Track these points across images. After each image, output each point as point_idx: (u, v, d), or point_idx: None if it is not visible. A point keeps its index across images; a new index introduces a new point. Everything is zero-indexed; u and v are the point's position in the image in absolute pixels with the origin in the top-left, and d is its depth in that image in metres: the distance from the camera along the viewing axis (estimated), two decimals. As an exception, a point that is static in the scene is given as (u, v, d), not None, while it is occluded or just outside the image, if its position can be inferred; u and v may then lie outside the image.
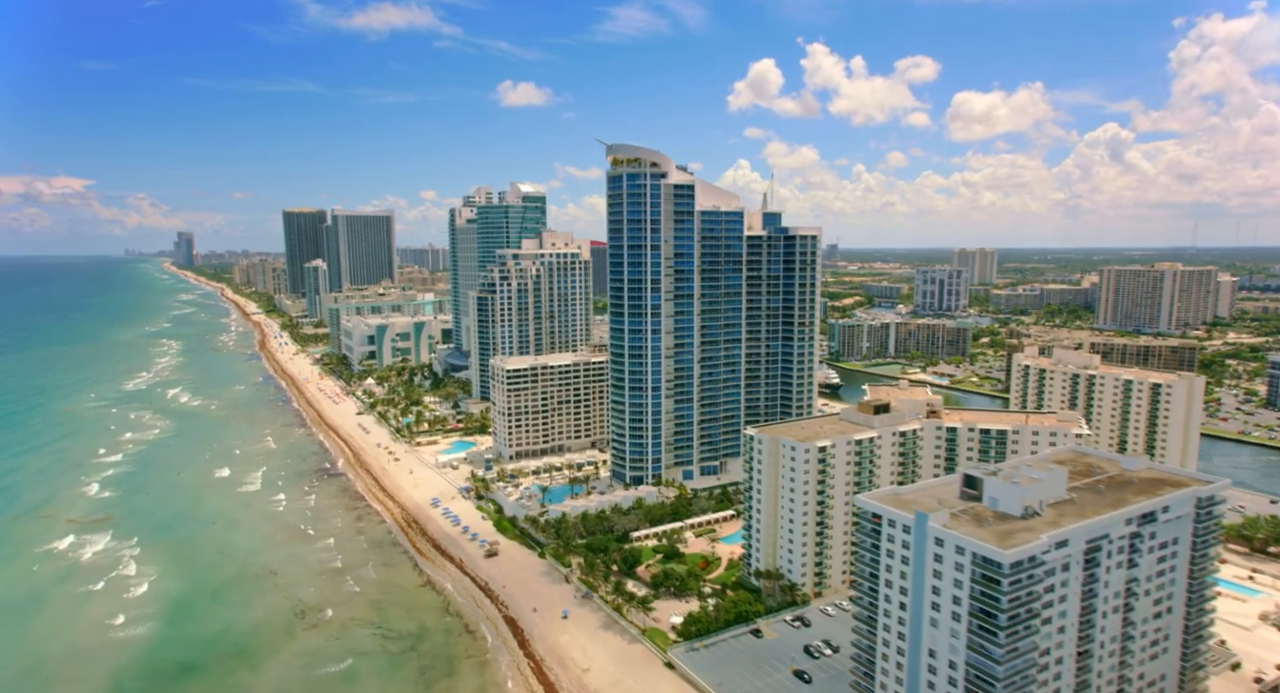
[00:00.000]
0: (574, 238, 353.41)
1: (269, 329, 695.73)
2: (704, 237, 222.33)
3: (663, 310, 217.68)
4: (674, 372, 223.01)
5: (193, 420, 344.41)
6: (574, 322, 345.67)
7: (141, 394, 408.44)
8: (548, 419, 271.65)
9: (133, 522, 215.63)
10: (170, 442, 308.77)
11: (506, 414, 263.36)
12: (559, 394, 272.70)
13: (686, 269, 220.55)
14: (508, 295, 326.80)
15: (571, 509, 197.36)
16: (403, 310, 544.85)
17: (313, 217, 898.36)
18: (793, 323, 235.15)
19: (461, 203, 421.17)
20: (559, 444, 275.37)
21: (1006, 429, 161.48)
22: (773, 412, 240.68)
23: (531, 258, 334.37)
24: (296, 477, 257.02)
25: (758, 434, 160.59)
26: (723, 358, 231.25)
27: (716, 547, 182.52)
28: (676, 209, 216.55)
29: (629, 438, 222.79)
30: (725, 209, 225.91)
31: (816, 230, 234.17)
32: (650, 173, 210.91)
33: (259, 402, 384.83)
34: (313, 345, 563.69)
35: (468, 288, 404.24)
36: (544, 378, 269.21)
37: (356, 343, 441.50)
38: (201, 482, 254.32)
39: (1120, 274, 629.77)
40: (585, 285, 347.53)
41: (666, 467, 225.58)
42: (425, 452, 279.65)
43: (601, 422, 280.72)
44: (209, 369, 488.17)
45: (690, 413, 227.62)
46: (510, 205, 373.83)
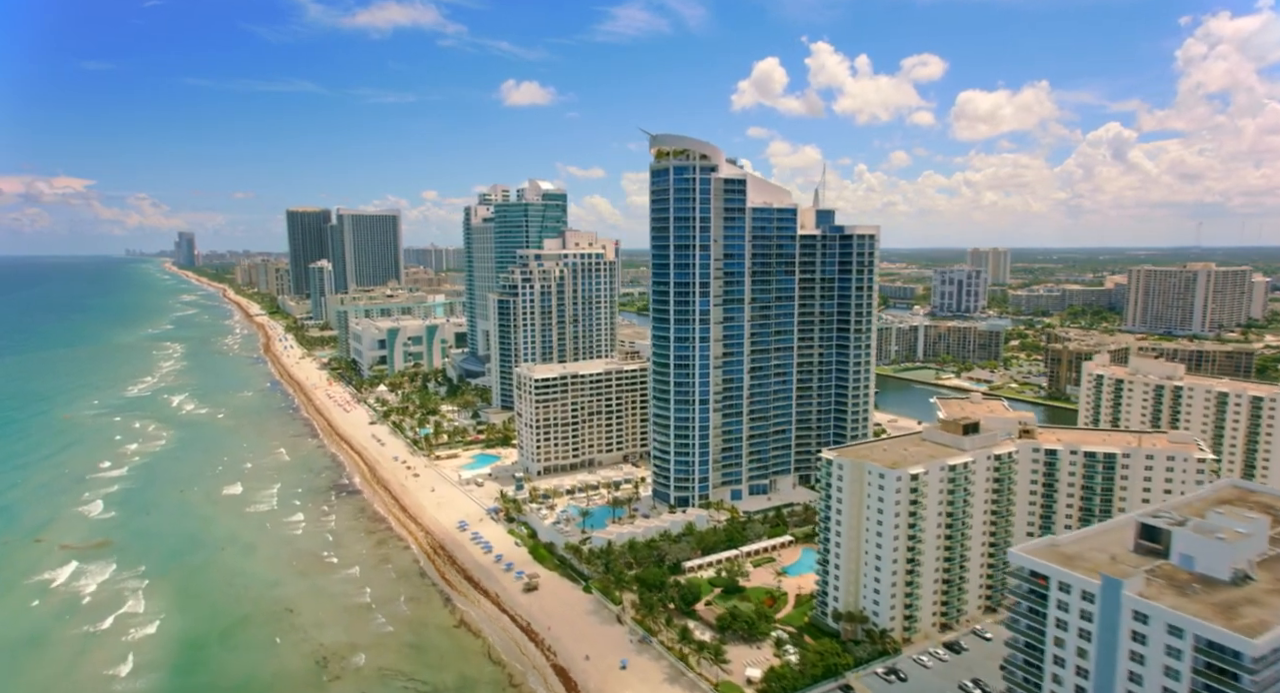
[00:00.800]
0: (598, 237, 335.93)
1: (273, 332, 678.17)
2: (755, 236, 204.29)
3: (711, 317, 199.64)
4: (722, 383, 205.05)
5: (198, 430, 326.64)
6: (599, 326, 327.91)
7: (144, 401, 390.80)
8: (578, 432, 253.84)
9: (137, 547, 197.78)
10: (175, 454, 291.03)
11: (534, 427, 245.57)
12: (590, 405, 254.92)
13: (737, 271, 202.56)
14: (530, 298, 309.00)
15: (617, 536, 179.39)
16: (413, 313, 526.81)
17: (317, 216, 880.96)
18: (848, 329, 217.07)
19: (477, 201, 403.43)
20: (589, 458, 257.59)
21: (1115, 453, 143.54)
22: (825, 425, 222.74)
23: (554, 259, 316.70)
24: (311, 495, 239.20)
25: (838, 458, 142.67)
26: (773, 367, 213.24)
27: (783, 581, 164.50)
28: (727, 206, 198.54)
29: (674, 456, 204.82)
30: (778, 206, 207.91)
31: (874, 229, 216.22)
32: (699, 166, 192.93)
33: (266, 410, 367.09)
34: (319, 349, 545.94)
35: (484, 289, 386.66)
36: (574, 388, 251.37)
37: (367, 347, 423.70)
38: (210, 500, 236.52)
39: (1150, 274, 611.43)
40: (610, 287, 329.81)
41: (714, 486, 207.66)
42: (446, 466, 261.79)
43: (634, 434, 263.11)
44: (213, 374, 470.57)
45: (739, 428, 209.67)
46: (530, 203, 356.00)
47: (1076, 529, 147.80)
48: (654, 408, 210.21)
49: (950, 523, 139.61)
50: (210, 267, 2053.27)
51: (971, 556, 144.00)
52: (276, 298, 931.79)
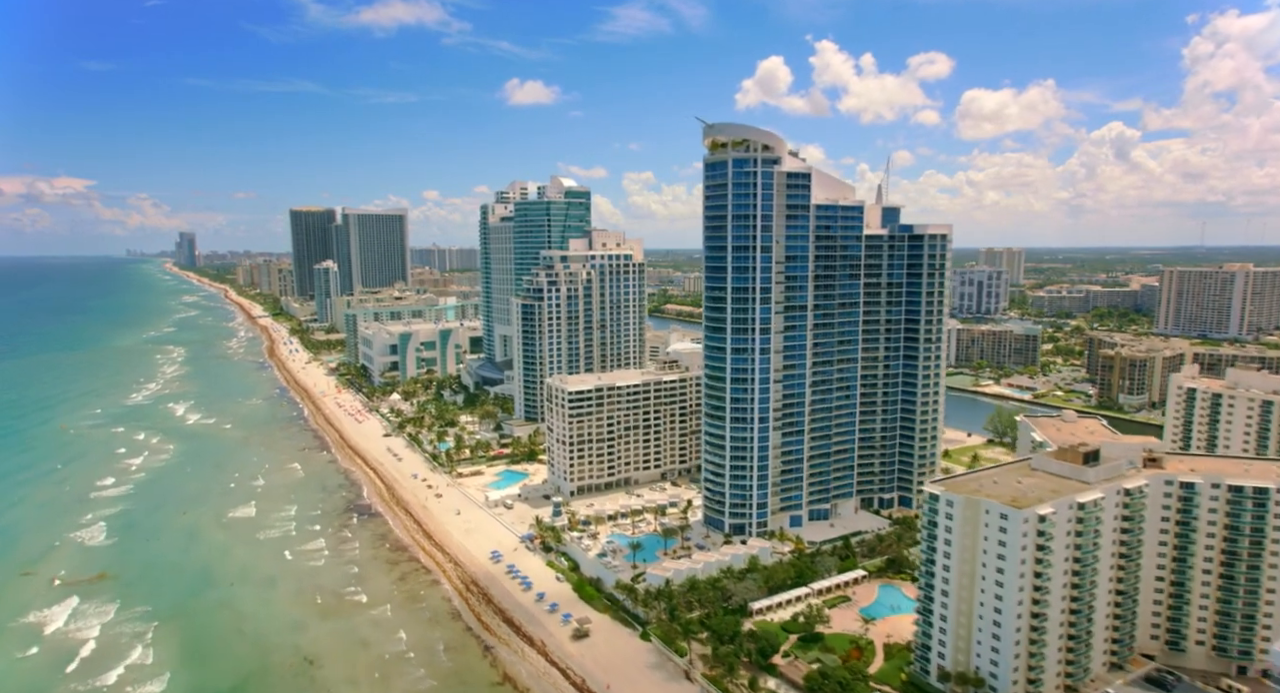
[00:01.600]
0: (625, 238, 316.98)
1: (277, 334, 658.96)
2: (818, 236, 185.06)
3: (772, 326, 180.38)
4: (782, 399, 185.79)
5: (203, 442, 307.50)
6: (628, 332, 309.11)
7: (145, 410, 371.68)
8: (614, 448, 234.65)
9: (141, 582, 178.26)
10: (180, 469, 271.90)
11: (567, 443, 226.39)
12: (626, 419, 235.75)
13: (799, 275, 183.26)
14: (556, 302, 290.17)
15: (675, 574, 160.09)
16: (424, 316, 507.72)
17: (321, 216, 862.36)
18: (917, 338, 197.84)
19: (494, 199, 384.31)
20: (626, 477, 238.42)
21: (1269, 488, 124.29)
22: (890, 444, 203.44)
23: (581, 260, 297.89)
24: (328, 518, 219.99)
25: (946, 494, 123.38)
26: (836, 381, 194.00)
27: (869, 628, 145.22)
28: (790, 203, 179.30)
29: (729, 479, 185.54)
30: (843, 203, 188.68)
31: (946, 229, 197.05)
32: (761, 158, 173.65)
33: (273, 420, 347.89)
34: (326, 353, 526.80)
35: (502, 292, 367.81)
36: (611, 401, 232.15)
37: (377, 353, 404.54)
38: (219, 523, 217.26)
39: (1184, 275, 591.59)
40: (640, 291, 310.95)
41: (772, 512, 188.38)
42: (469, 485, 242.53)
43: (673, 451, 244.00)
44: (216, 380, 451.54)
45: (800, 447, 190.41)
46: (551, 202, 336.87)
47: (1216, 576, 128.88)
48: (707, 426, 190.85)
49: (1079, 570, 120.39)
50: (211, 267, 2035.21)
51: (1099, 606, 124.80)
52: (279, 299, 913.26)
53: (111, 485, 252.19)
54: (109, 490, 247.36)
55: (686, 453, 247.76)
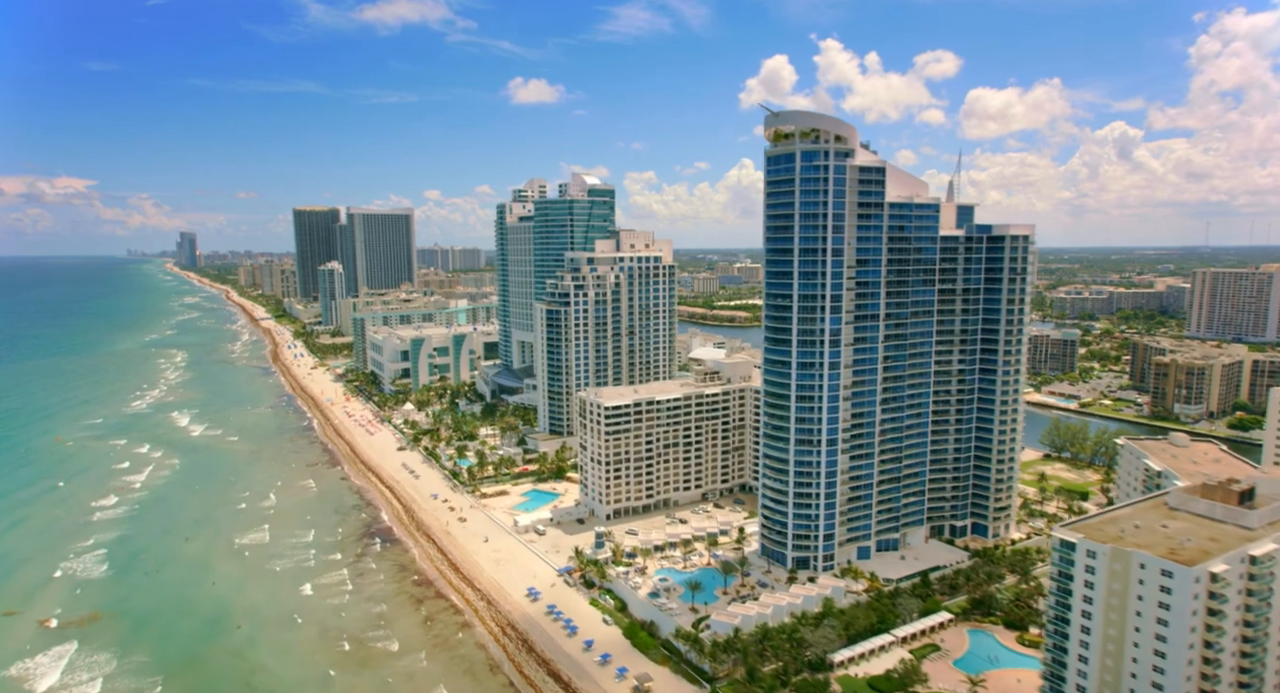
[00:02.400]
0: (655, 238, 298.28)
1: (281, 338, 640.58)
2: (892, 237, 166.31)
3: (843, 337, 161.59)
4: (851, 418, 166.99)
5: (207, 457, 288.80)
6: (658, 339, 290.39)
7: (144, 420, 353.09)
8: (652, 468, 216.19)
9: (139, 625, 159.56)
10: (182, 488, 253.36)
11: (604, 463, 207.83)
12: (666, 436, 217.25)
13: (871, 281, 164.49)
14: (583, 308, 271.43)
15: (743, 620, 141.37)
16: (434, 320, 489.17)
17: (325, 215, 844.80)
18: (995, 350, 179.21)
19: (511, 198, 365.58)
20: (665, 498, 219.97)
21: None
22: (964, 466, 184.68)
23: (608, 262, 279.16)
24: (345, 545, 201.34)
25: (1086, 542, 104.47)
26: (907, 397, 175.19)
27: (976, 689, 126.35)
28: (862, 201, 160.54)
29: (793, 507, 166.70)
30: (918, 201, 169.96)
31: (1028, 229, 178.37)
32: (834, 150, 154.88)
33: (279, 431, 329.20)
34: (332, 357, 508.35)
35: (520, 295, 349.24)
36: (650, 416, 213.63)
37: (388, 359, 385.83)
38: (227, 551, 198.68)
39: (1218, 276, 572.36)
40: (670, 295, 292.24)
41: (839, 543, 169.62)
42: (495, 506, 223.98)
43: (714, 469, 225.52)
44: (220, 386, 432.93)
45: (869, 471, 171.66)
46: (574, 200, 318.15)
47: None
48: (767, 448, 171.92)
49: (1251, 635, 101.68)
50: (212, 267, 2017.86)
51: (1268, 676, 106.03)
52: (282, 301, 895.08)
53: (111, 506, 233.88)
54: (108, 512, 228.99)
55: (729, 472, 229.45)
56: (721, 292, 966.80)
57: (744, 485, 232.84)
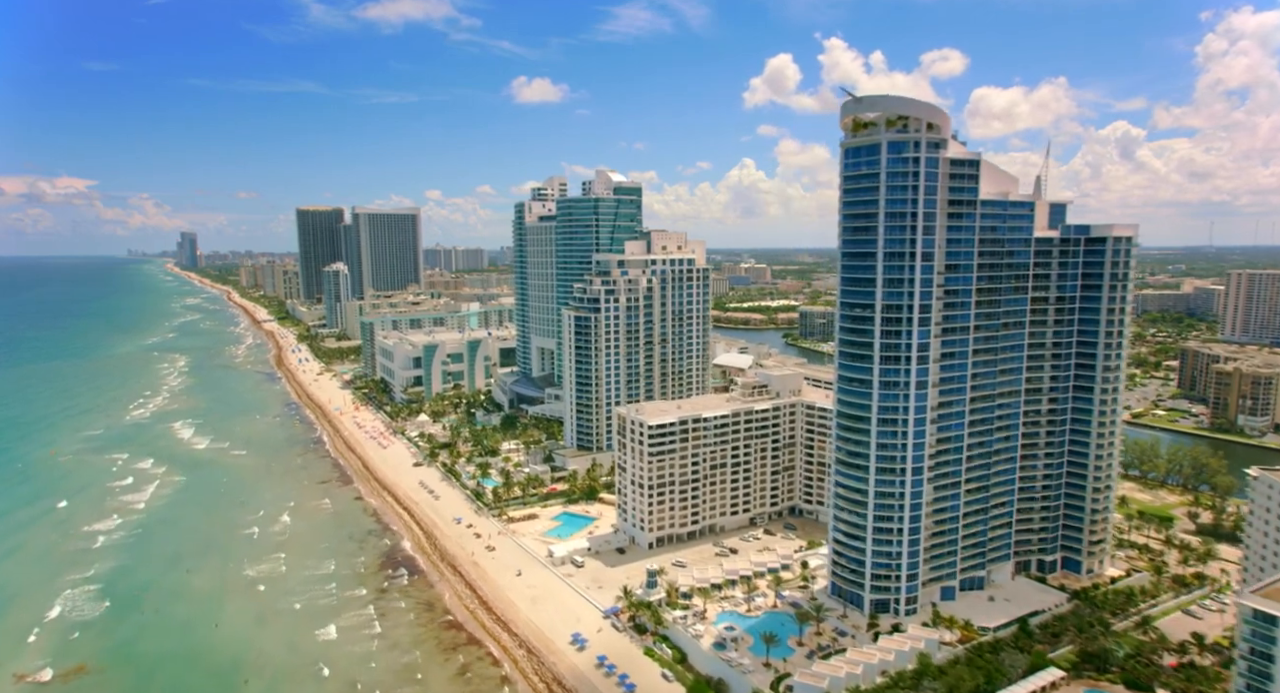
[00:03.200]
0: (687, 239, 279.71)
1: (284, 341, 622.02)
2: (984, 240, 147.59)
3: (930, 353, 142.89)
4: (937, 443, 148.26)
5: (210, 473, 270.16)
6: (691, 348, 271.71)
7: (145, 430, 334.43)
8: (698, 491, 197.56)
9: (132, 679, 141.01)
10: (183, 508, 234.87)
11: (647, 487, 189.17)
12: (713, 456, 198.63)
13: (962, 289, 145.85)
14: (615, 314, 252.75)
15: (831, 683, 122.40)
16: (445, 324, 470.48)
17: (329, 215, 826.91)
18: (1093, 367, 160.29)
19: (530, 196, 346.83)
20: (711, 523, 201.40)
21: None
22: (1054, 494, 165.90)
23: (640, 266, 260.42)
24: (367, 579, 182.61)
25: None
26: (997, 419, 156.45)
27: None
28: (954, 198, 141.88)
29: (873, 543, 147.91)
30: (1012, 198, 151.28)
31: (1131, 230, 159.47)
32: (926, 140, 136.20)
33: (286, 443, 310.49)
34: (338, 362, 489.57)
35: (540, 299, 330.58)
36: (696, 435, 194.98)
37: (399, 366, 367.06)
38: (234, 585, 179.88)
39: (1255, 278, 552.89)
40: (704, 301, 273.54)
41: (923, 583, 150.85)
42: (524, 532, 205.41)
43: (763, 492, 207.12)
44: (222, 393, 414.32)
45: (956, 502, 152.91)
46: (600, 199, 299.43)
47: None
48: (840, 477, 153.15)
49: None
50: (213, 267, 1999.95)
51: None
52: (285, 302, 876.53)
53: (111, 531, 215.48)
54: (108, 538, 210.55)
55: (779, 494, 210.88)
56: (731, 293, 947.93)
57: (794, 509, 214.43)
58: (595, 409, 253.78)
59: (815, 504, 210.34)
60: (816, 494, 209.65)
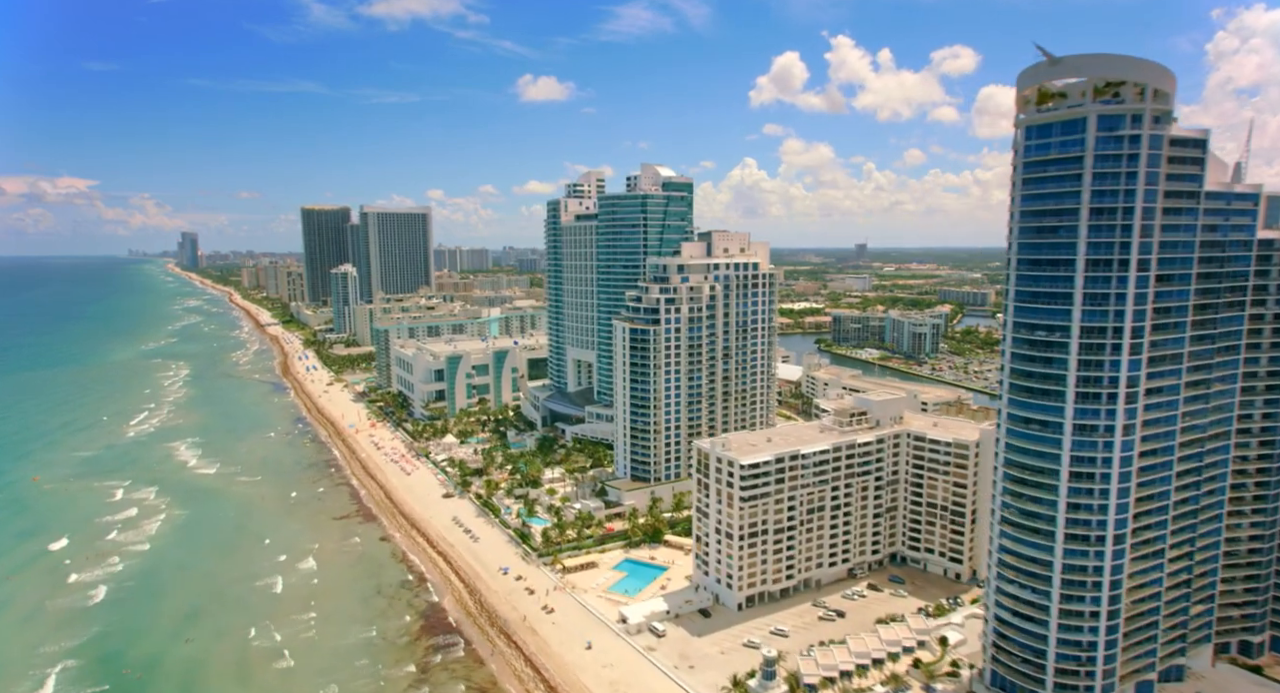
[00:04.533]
0: (750, 240, 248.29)
1: (290, 347, 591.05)
2: (1204, 243, 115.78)
3: (1140, 387, 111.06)
4: (1138, 501, 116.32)
5: (215, 505, 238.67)
6: (755, 365, 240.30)
7: (142, 451, 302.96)
8: (794, 539, 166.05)
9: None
10: (189, 550, 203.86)
11: (737, 537, 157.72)
12: (810, 498, 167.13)
13: (1176, 307, 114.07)
14: (675, 326, 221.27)
15: None
16: (465, 331, 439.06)
17: (335, 214, 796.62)
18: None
19: (565, 193, 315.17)
20: (807, 577, 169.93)
21: None
22: (1264, 559, 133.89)
23: (701, 271, 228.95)
24: (406, 650, 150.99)
25: None
26: (1206, 471, 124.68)
27: None
28: (1173, 189, 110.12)
29: (1058, 629, 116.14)
30: (1238, 189, 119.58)
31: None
32: (1150, 113, 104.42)
33: (297, 467, 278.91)
34: (349, 371, 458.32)
35: (578, 307, 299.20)
36: (793, 475, 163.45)
37: (419, 379, 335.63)
38: (241, 661, 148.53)
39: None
40: (769, 311, 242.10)
41: (1120, 676, 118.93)
42: (583, 585, 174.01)
43: (864, 538, 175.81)
44: (225, 407, 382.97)
45: (1159, 575, 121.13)
46: (648, 195, 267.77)
47: None
48: (1007, 543, 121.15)
49: None
50: (214, 268, 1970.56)
51: None
52: (289, 305, 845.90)
53: (105, 580, 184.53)
54: (102, 590, 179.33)
55: (879, 540, 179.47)
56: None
57: (896, 556, 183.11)
58: (653, 435, 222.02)
59: (923, 552, 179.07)
60: (925, 540, 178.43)
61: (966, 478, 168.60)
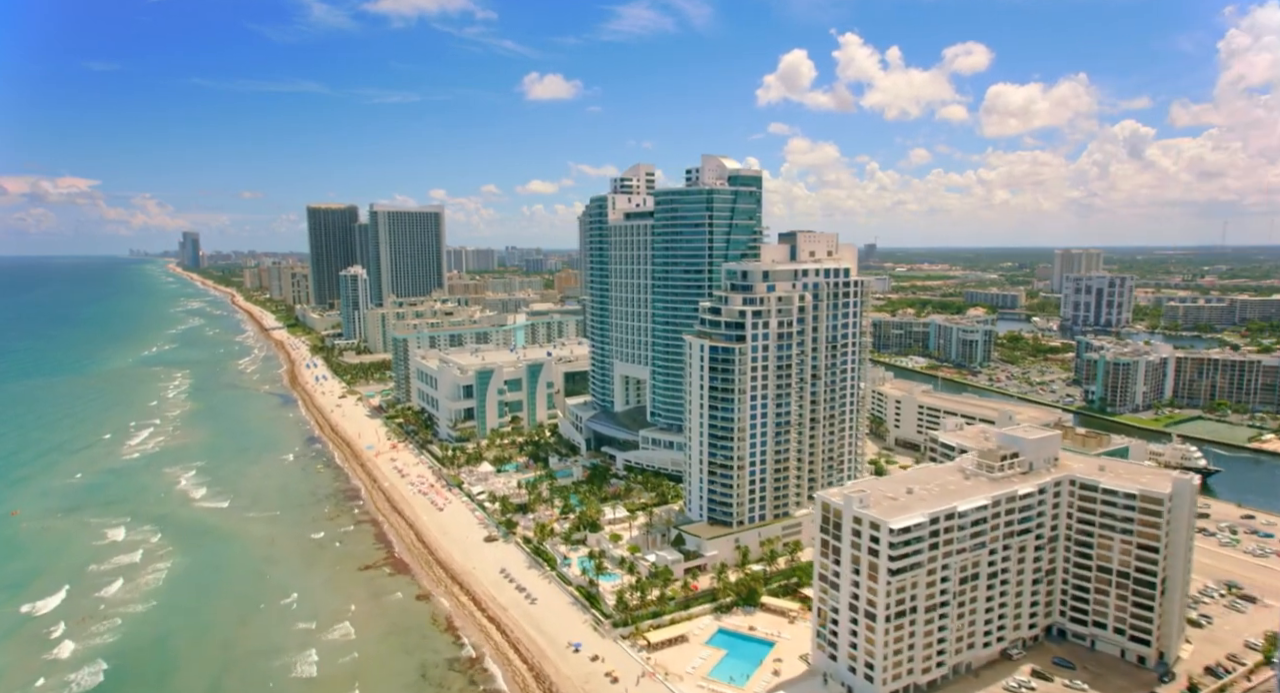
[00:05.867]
0: (838, 241, 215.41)
1: (296, 353, 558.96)
2: None
3: None
4: None
5: (226, 550, 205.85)
6: (845, 388, 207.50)
7: (136, 478, 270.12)
8: (945, 617, 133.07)
9: None
10: (201, 611, 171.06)
11: (884, 619, 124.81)
12: (964, 566, 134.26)
13: None
14: (764, 344, 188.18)
15: None
16: (489, 339, 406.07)
17: (342, 214, 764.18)
18: None
19: (611, 189, 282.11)
20: (957, 662, 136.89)
21: None
22: None
23: (788, 278, 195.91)
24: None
25: None
26: None
27: None
28: None
29: None
30: None
31: None
32: None
33: (314, 500, 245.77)
34: (362, 382, 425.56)
35: (626, 316, 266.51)
36: (948, 537, 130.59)
37: (446, 395, 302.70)
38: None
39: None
40: (860, 324, 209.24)
41: None
42: (674, 666, 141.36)
43: (1019, 611, 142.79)
44: (229, 423, 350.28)
45: None
46: (715, 190, 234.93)
47: None
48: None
49: None
50: (216, 268, 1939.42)
51: None
52: (294, 307, 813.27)
53: (99, 654, 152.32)
54: (100, 669, 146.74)
55: (1035, 613, 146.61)
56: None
57: (1052, 629, 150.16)
58: (736, 470, 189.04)
59: (1090, 626, 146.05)
60: (1093, 612, 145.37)
61: (1158, 540, 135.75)
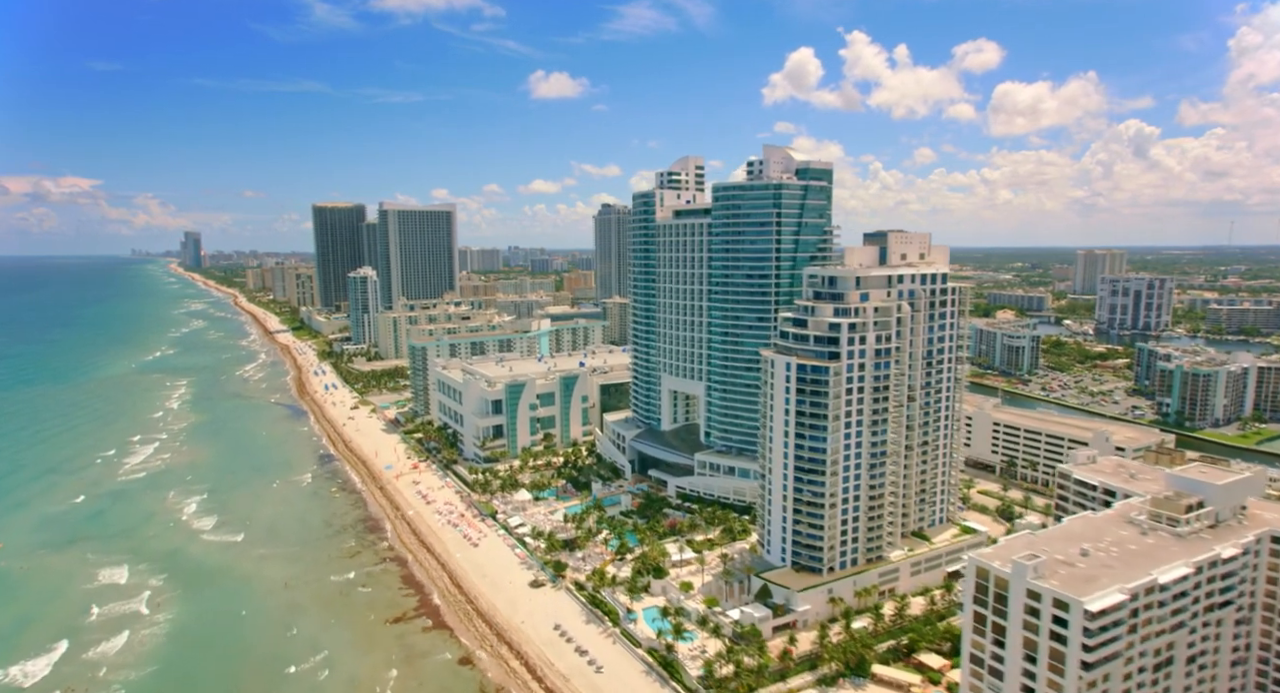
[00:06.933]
0: (931, 243, 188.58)
1: (303, 359, 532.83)
2: None
3: None
4: None
5: (234, 597, 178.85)
6: (943, 410, 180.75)
7: (134, 505, 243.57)
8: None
9: None
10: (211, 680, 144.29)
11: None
12: (1160, 650, 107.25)
13: None
14: (860, 362, 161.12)
15: None
16: (513, 347, 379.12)
17: (349, 213, 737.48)
18: None
19: (657, 183, 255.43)
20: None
21: None
22: None
23: (882, 285, 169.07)
24: None
25: None
26: None
27: None
28: None
29: None
30: None
31: None
32: None
33: (331, 532, 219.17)
34: (376, 392, 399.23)
35: (675, 324, 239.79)
36: (1146, 616, 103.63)
37: (472, 411, 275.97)
38: None
39: None
40: (959, 338, 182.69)
41: None
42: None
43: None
44: (235, 439, 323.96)
45: None
46: (784, 184, 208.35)
47: None
48: None
49: None
50: (218, 268, 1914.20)
51: None
52: (300, 310, 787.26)
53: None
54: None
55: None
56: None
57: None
58: (828, 509, 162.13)
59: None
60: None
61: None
